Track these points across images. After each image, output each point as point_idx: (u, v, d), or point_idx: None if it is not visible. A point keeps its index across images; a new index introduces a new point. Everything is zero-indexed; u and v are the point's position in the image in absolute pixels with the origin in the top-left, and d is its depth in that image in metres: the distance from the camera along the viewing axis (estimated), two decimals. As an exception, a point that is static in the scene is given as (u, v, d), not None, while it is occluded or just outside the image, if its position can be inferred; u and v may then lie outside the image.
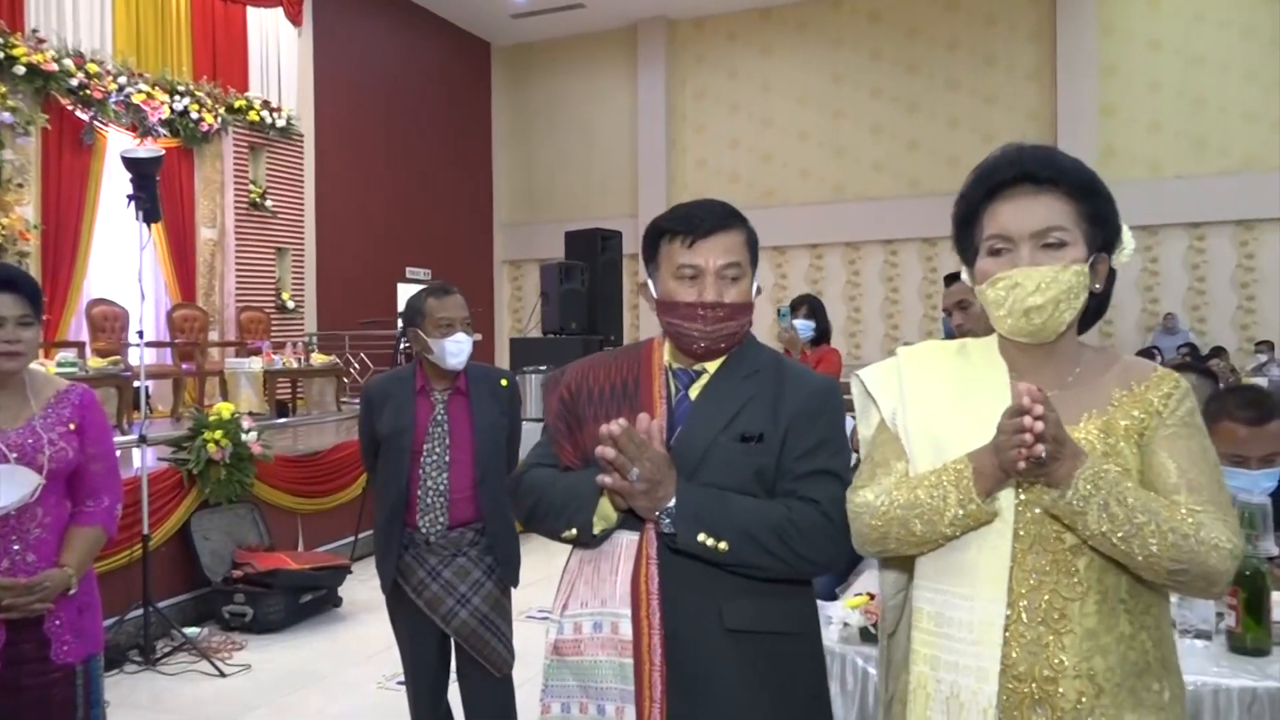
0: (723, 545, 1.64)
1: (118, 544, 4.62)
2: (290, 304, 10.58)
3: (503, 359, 13.39)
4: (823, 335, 5.20)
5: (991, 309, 1.48)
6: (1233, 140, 11.83)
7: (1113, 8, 12.34)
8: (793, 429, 1.72)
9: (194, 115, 9.28)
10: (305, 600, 5.27)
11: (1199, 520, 1.34)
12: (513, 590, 3.12)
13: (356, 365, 10.65)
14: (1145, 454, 1.42)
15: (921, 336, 12.54)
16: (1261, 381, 8.27)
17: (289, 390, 9.36)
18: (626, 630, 1.68)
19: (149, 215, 4.88)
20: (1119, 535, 1.32)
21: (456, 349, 3.00)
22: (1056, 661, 1.38)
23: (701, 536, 1.64)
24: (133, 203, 4.86)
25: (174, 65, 9.48)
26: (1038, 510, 1.41)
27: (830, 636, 2.32)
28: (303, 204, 10.90)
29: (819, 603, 1.88)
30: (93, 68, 8.32)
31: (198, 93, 9.41)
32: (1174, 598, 2.19)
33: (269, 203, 10.25)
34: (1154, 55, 12.20)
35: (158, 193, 4.93)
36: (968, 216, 1.51)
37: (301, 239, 10.88)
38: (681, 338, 1.76)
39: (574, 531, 1.73)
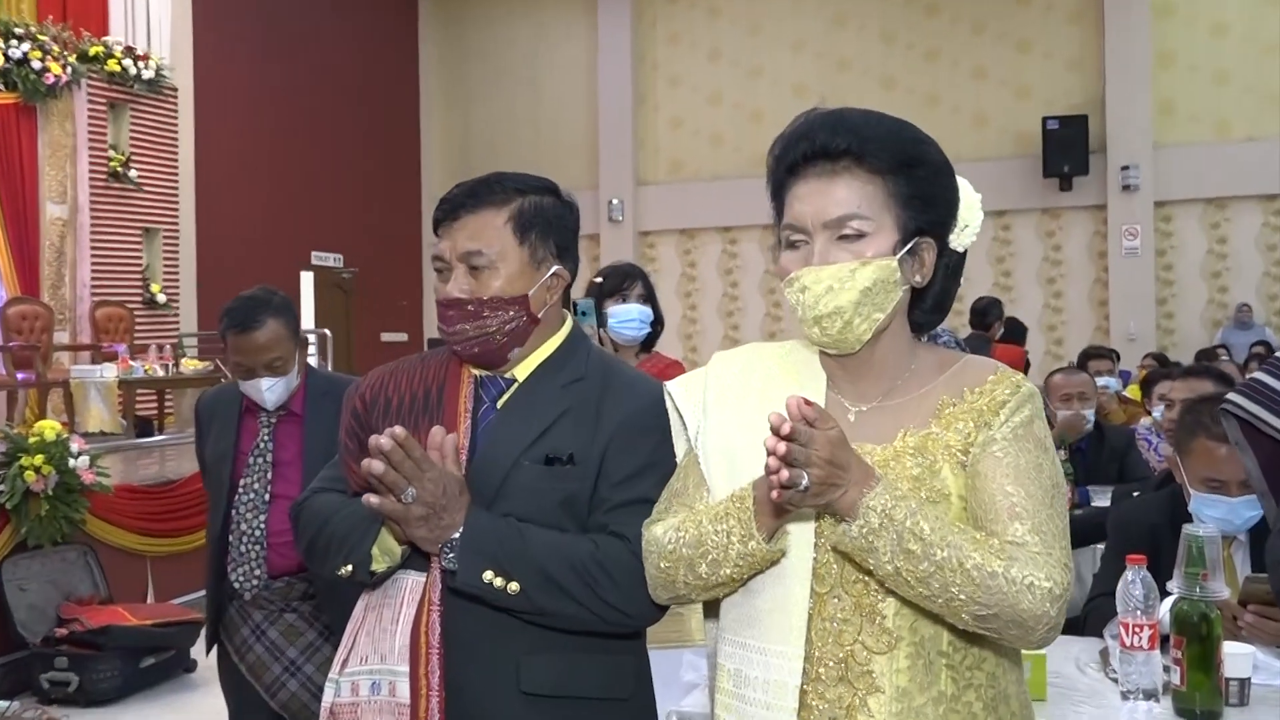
0: (513, 586, 1.65)
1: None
2: (161, 298, 10.54)
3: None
4: (655, 335, 3.72)
5: (792, 312, 1.52)
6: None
7: (1169, -67, 12.50)
8: (612, 450, 1.74)
9: (36, 64, 9.24)
10: (147, 664, 5.23)
11: (1011, 554, 1.36)
12: None
13: (244, 373, 10.64)
14: (971, 475, 1.44)
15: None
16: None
17: (154, 404, 9.36)
18: (404, 692, 1.70)
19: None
20: (916, 575, 1.34)
21: (258, 394, 3.00)
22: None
23: (488, 575, 1.65)
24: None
25: (9, 2, 9.45)
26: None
27: (695, 699, 2.33)
28: (177, 175, 10.85)
29: (695, 659, 1.89)
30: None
31: (41, 36, 9.38)
32: (1117, 649, 2.23)
33: (133, 173, 10.21)
34: (1218, -10, 12.36)
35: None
36: (775, 197, 1.55)
37: (176, 218, 10.84)
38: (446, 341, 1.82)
39: (349, 568, 1.74)
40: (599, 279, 3.65)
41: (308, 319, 12.51)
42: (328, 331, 11.09)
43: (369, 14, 14.38)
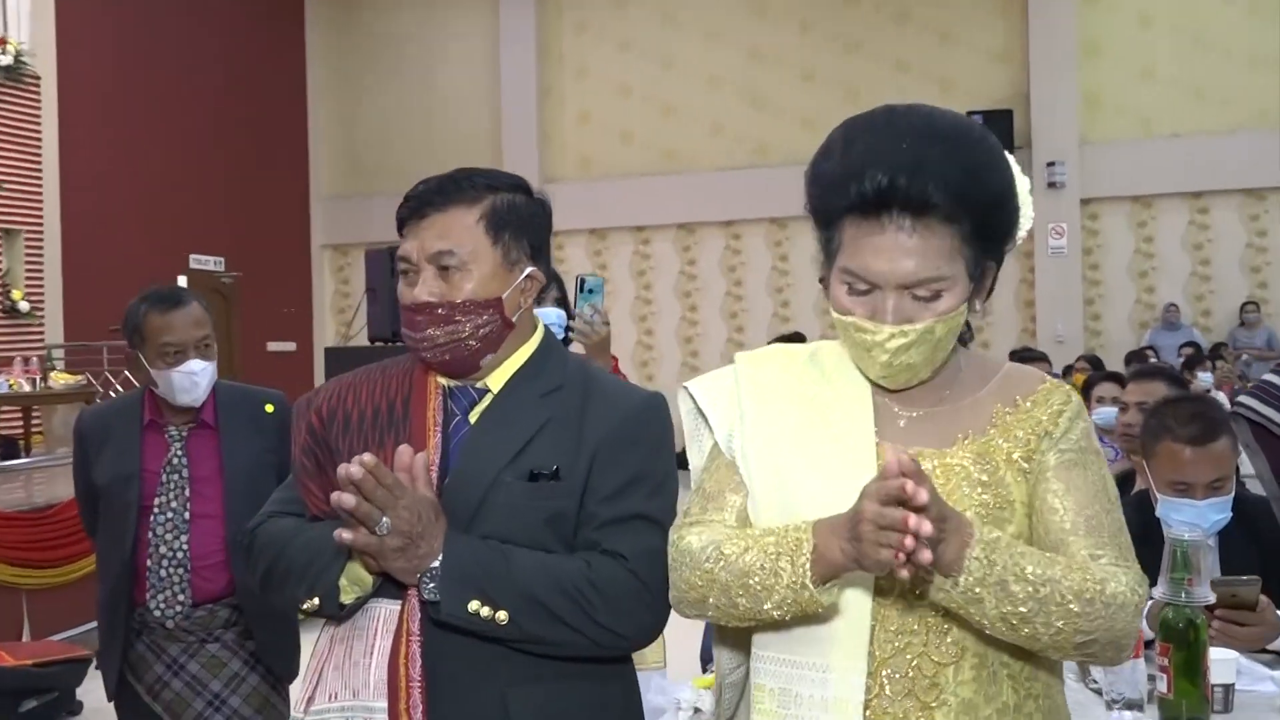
0: (501, 615, 1.64)
1: None
2: (24, 306, 10.26)
3: (320, 376, 13.19)
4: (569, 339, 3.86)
5: (845, 344, 1.57)
6: (1237, 88, 12.43)
7: (1093, -77, 12.91)
8: (599, 462, 1.74)
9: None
10: (28, 708, 5.08)
11: (1104, 573, 1.43)
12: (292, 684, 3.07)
13: (119, 387, 10.36)
14: (1033, 483, 1.52)
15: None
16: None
17: (20, 423, 9.12)
18: None
19: None
20: (1020, 617, 1.39)
21: (188, 383, 2.95)
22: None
23: (474, 605, 1.63)
24: None
25: None
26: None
27: None
28: (40, 171, 10.60)
29: (663, 682, 1.90)
30: None
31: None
32: None
33: (-9, 170, 9.93)
34: (1145, -21, 12.80)
35: None
36: (826, 221, 1.55)
37: (40, 218, 10.58)
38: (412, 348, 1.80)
39: (316, 601, 1.72)
40: None
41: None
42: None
43: (254, 3, 14.14)
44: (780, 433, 1.58)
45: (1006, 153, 1.56)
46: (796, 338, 4.80)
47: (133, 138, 12.14)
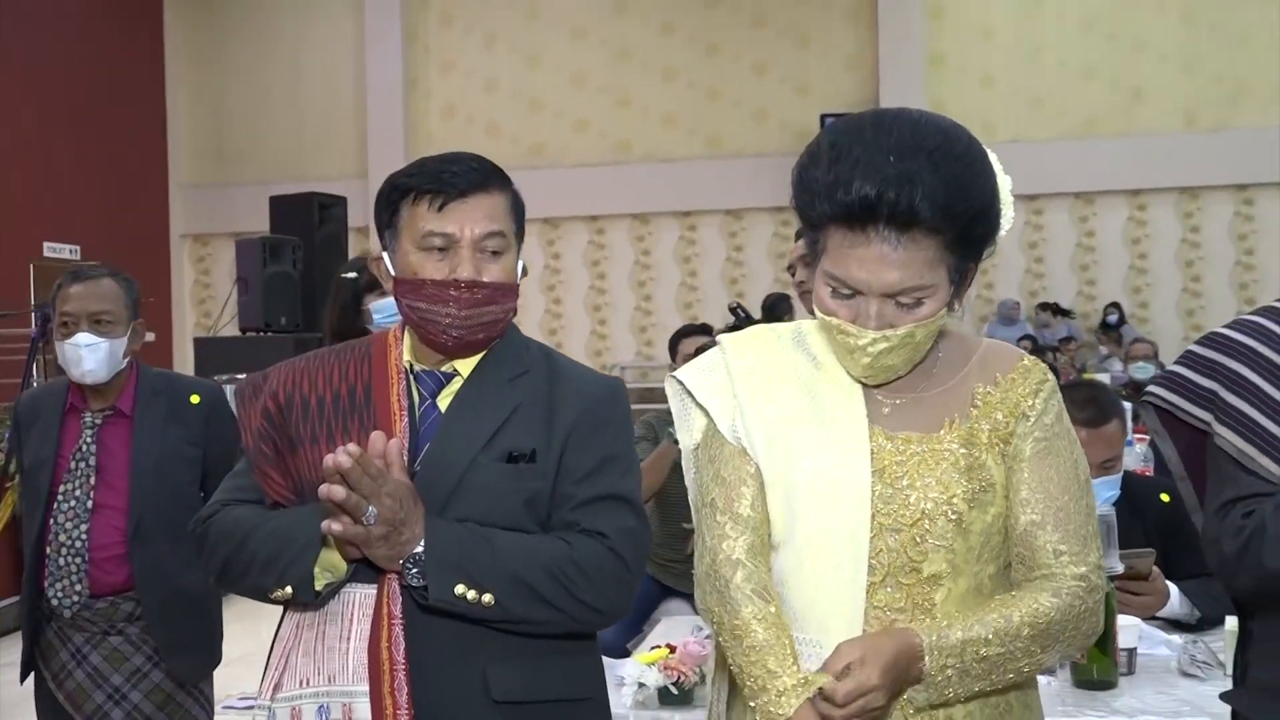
0: (487, 598, 1.66)
1: None
2: (-128, 293, 9.97)
3: (185, 365, 13.10)
4: None
5: (829, 344, 1.65)
6: (1071, 98, 13.27)
7: (939, -62, 13.57)
8: (571, 444, 1.77)
9: None
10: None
11: (1051, 584, 1.57)
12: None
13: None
14: (1009, 465, 1.61)
15: (725, 327, 13.17)
16: (1104, 377, 9.36)
17: None
18: (363, 713, 1.69)
19: None
20: (991, 681, 1.55)
21: (74, 355, 2.87)
22: (913, 709, 1.56)
23: (460, 589, 1.65)
24: None
25: None
26: (893, 538, 1.58)
27: (623, 701, 2.42)
28: (-113, 155, 10.29)
29: (606, 660, 2.01)
30: None
31: None
32: None
33: None
34: (986, -6, 13.51)
35: None
36: (814, 222, 1.60)
37: (-114, 203, 10.28)
38: (429, 326, 1.77)
39: (289, 590, 1.71)
40: (351, 274, 3.79)
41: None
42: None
43: (108, -19, 13.90)
44: (779, 416, 1.63)
45: (989, 153, 1.60)
46: (704, 330, 5.07)
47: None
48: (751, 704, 1.56)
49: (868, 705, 1.47)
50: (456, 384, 1.81)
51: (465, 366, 1.82)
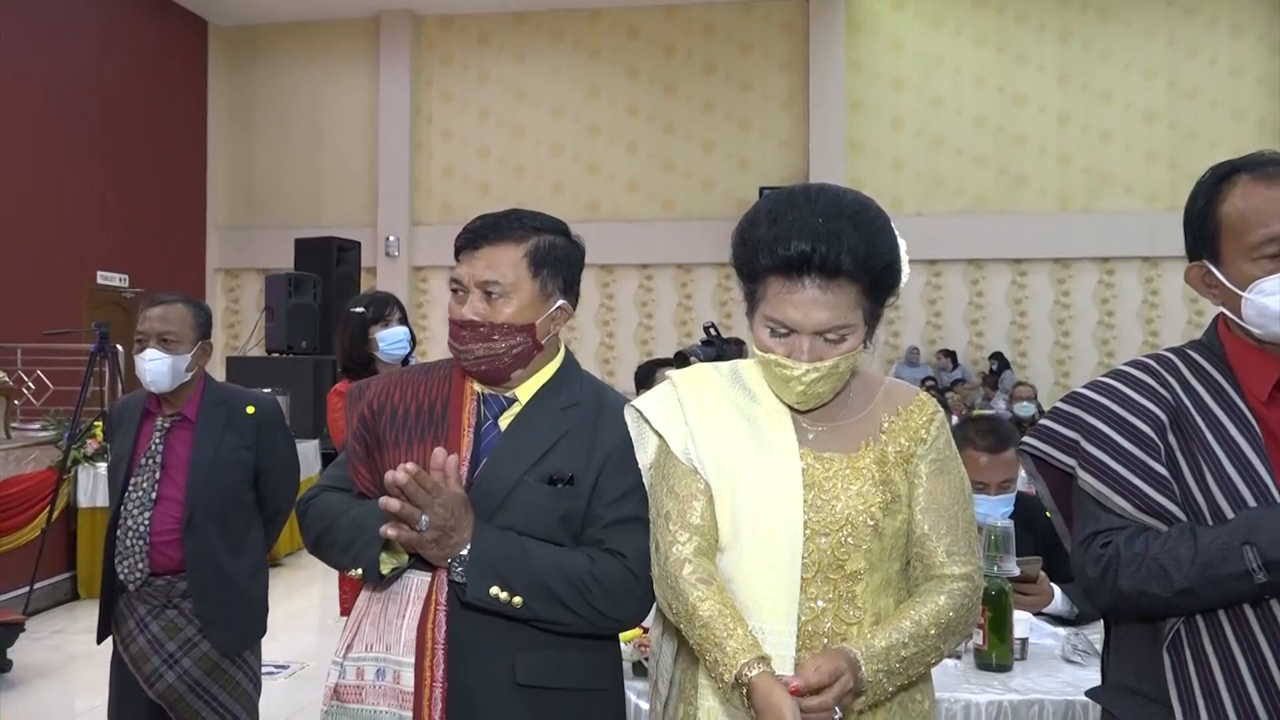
0: (516, 600, 1.66)
1: None
2: (-53, 310, 9.80)
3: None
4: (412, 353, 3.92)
5: (765, 375, 1.67)
6: (966, 180, 13.56)
7: (859, 46, 13.77)
8: (606, 472, 1.75)
9: None
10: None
11: (944, 586, 1.62)
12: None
13: (32, 385, 10.02)
14: (910, 484, 1.65)
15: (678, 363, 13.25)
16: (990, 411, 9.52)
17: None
18: (409, 681, 1.69)
19: None
20: (908, 675, 1.57)
21: (143, 368, 2.88)
22: (855, 715, 1.56)
23: (494, 590, 1.65)
24: None
25: None
26: (822, 540, 1.60)
27: None
28: (-34, 192, 10.14)
29: None
30: None
31: None
32: None
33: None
34: (897, 94, 13.72)
35: None
36: (751, 274, 1.62)
37: (-36, 234, 10.12)
38: (456, 357, 1.80)
39: (359, 571, 1.73)
40: (360, 309, 3.76)
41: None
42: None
43: (161, 50, 13.74)
44: (723, 442, 1.65)
45: (891, 223, 1.64)
46: (665, 363, 5.01)
47: (44, 164, 11.64)
48: (713, 675, 1.56)
49: (843, 688, 1.48)
50: (516, 408, 1.80)
51: (525, 393, 1.80)
